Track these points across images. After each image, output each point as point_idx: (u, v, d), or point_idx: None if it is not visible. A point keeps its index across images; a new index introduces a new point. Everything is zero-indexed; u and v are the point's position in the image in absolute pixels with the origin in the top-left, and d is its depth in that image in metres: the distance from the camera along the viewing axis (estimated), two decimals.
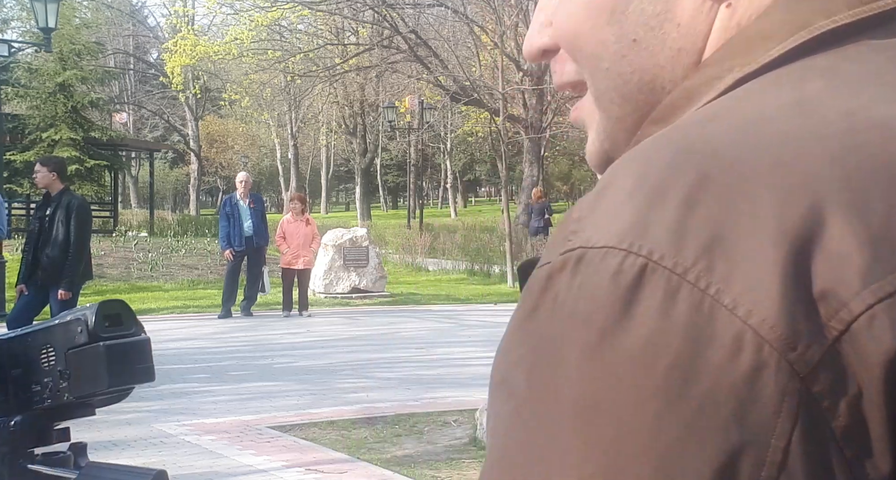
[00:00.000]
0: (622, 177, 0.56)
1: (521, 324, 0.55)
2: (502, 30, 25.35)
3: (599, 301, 0.51)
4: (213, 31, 43.10)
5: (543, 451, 0.51)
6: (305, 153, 54.12)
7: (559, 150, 45.79)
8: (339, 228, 18.24)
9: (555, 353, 0.52)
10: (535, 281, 0.55)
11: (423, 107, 31.98)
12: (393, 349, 11.30)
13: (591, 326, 0.51)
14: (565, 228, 0.56)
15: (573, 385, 0.51)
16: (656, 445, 0.49)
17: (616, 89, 0.66)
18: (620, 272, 0.51)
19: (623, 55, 0.64)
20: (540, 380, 0.52)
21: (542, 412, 0.52)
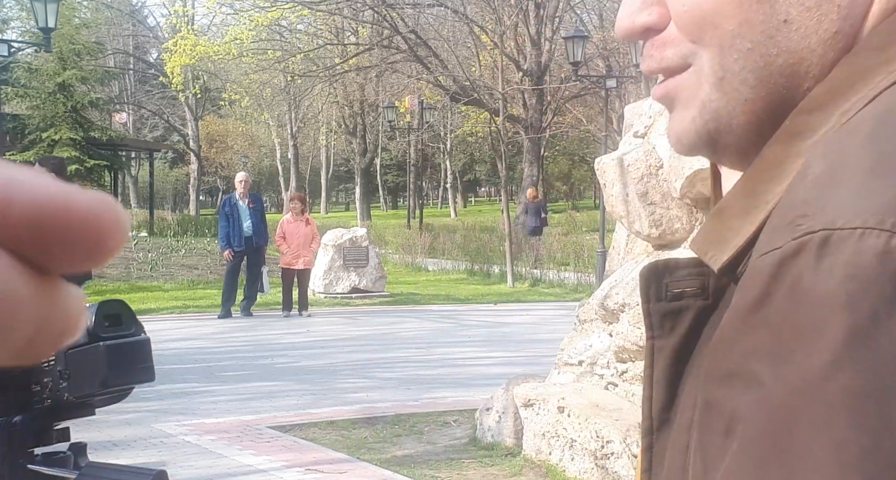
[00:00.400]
0: (854, 156, 0.53)
1: (749, 315, 0.53)
2: (502, 30, 25.35)
3: (866, 283, 0.49)
4: (213, 31, 43.09)
5: (809, 443, 0.49)
6: (305, 153, 54.09)
7: (559, 150, 45.78)
8: (339, 228, 18.23)
9: (810, 341, 0.49)
10: (761, 270, 0.53)
11: (422, 107, 31.98)
12: (393, 349, 11.30)
13: (859, 310, 0.48)
14: (787, 214, 0.54)
15: (842, 373, 0.48)
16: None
17: (754, 71, 0.62)
18: (889, 252, 0.49)
19: (770, 36, 0.61)
20: (793, 370, 0.50)
21: (801, 403, 0.49)
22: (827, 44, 0.61)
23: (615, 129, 24.78)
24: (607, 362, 5.94)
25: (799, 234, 0.52)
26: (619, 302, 5.52)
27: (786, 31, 0.61)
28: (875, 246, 0.49)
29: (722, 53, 0.63)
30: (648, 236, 5.58)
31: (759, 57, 0.62)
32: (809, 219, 0.52)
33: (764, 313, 0.52)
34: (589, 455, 5.54)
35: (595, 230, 24.09)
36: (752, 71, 0.62)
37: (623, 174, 5.65)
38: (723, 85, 0.64)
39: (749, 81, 0.63)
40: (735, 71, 0.63)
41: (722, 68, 0.63)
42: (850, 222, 0.50)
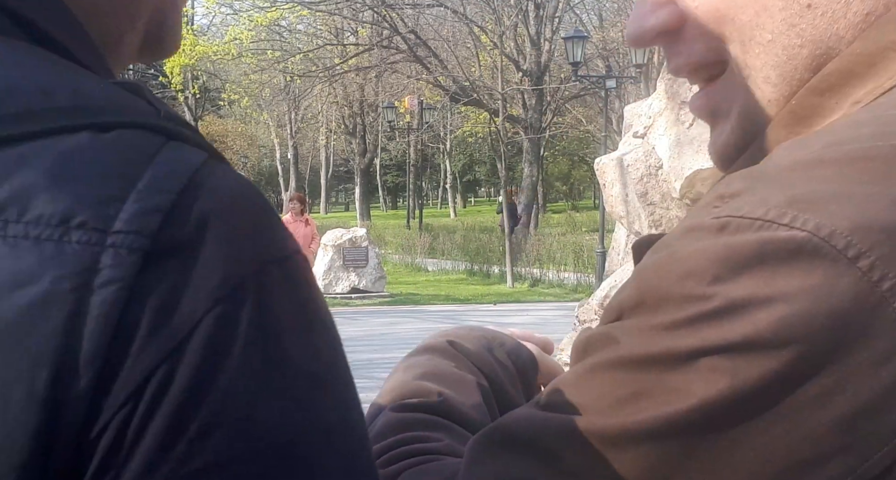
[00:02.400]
0: (798, 152, 0.52)
1: (632, 278, 0.55)
2: (502, 30, 25.37)
3: (735, 269, 0.48)
4: (213, 30, 43.12)
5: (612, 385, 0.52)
6: (305, 153, 54.11)
7: (559, 150, 45.80)
8: (339, 228, 18.24)
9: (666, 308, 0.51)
10: (663, 240, 0.54)
11: (422, 108, 31.99)
12: (393, 349, 11.30)
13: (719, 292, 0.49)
14: (713, 195, 0.53)
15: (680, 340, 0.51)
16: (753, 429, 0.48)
17: (776, 66, 0.56)
18: (771, 242, 0.48)
19: (792, 24, 0.55)
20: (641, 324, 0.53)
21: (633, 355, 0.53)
22: (857, 28, 0.55)
23: (615, 130, 24.79)
24: None
25: (707, 216, 0.51)
26: None
27: (810, 17, 0.55)
28: (761, 236, 0.48)
29: (744, 48, 0.57)
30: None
31: (781, 49, 0.56)
32: (723, 204, 0.51)
33: (638, 272, 0.54)
34: None
35: (595, 230, 24.11)
36: (774, 66, 0.57)
37: (623, 174, 5.65)
38: (749, 85, 0.58)
39: (771, 79, 0.57)
40: (757, 67, 0.57)
41: (746, 65, 0.58)
42: (752, 212, 0.49)
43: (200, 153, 0.53)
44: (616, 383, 0.51)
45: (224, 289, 0.49)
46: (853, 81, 0.53)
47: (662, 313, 0.50)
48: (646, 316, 0.51)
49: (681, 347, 0.49)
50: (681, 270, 0.50)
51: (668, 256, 0.51)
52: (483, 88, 25.90)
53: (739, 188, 0.51)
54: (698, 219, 0.51)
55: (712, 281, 0.48)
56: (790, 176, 0.50)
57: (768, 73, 0.57)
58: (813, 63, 0.55)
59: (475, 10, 29.51)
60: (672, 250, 0.51)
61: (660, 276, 0.51)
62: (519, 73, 28.86)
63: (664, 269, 0.51)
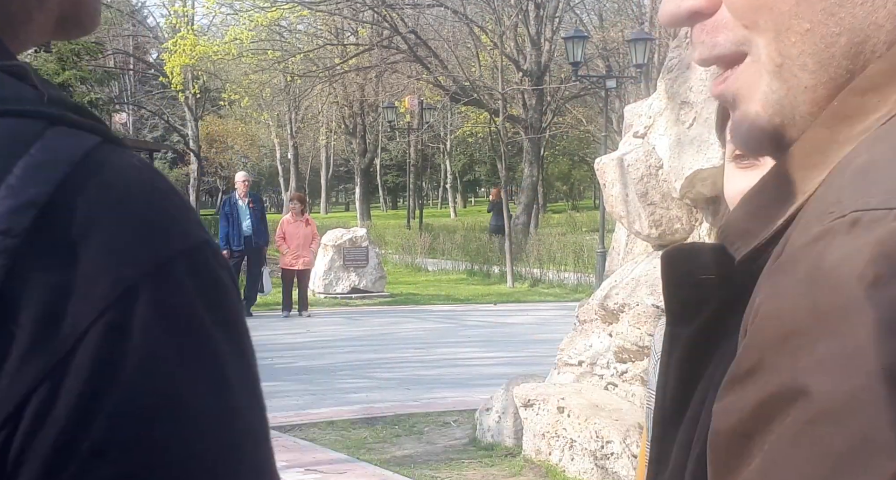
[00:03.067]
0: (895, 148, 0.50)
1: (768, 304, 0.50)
2: (502, 30, 25.36)
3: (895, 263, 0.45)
4: (213, 31, 43.09)
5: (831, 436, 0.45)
6: (305, 153, 54.08)
7: (559, 151, 45.77)
8: (339, 228, 18.24)
9: (833, 326, 0.46)
10: (783, 261, 0.50)
11: (422, 108, 31.98)
12: (393, 349, 11.30)
13: (889, 291, 0.45)
14: (821, 205, 0.51)
15: (869, 359, 0.45)
16: None
17: (814, 54, 0.56)
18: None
19: (832, 13, 0.55)
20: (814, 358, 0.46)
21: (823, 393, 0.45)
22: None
23: (615, 130, 24.77)
24: (607, 362, 5.94)
25: (829, 219, 0.48)
26: (619, 303, 5.52)
27: (849, 6, 0.54)
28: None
29: (778, 37, 0.57)
30: (648, 236, 5.58)
31: (820, 38, 0.55)
32: (842, 205, 0.49)
33: (780, 301, 0.49)
34: (589, 456, 5.54)
35: (595, 230, 24.09)
36: (811, 54, 0.56)
37: (623, 174, 5.65)
38: (782, 72, 0.57)
39: (809, 66, 0.56)
40: (794, 56, 0.56)
41: (780, 54, 0.57)
42: (886, 202, 0.47)
43: (91, 138, 0.48)
44: (824, 439, 0.45)
45: (113, 294, 0.44)
46: None
47: (834, 336, 0.46)
48: (815, 347, 0.46)
49: (884, 367, 0.44)
50: (834, 281, 0.46)
51: (809, 272, 0.47)
52: (483, 88, 25.89)
53: (854, 187, 0.49)
54: (816, 227, 0.49)
55: (875, 282, 0.45)
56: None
57: (805, 61, 0.56)
58: (851, 50, 0.55)
59: (475, 10, 29.49)
60: (810, 265, 0.48)
61: (810, 295, 0.47)
62: (519, 73, 28.84)
63: (812, 286, 0.47)
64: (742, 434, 0.49)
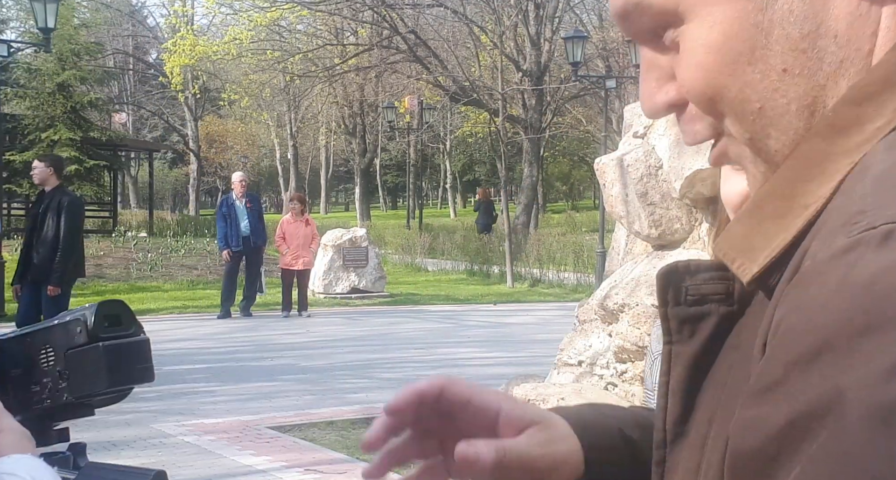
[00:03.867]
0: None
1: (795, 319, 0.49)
2: (502, 30, 25.37)
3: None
4: (213, 31, 43.06)
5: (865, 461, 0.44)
6: (305, 153, 54.08)
7: (559, 151, 45.78)
8: (339, 228, 18.24)
9: (873, 339, 0.45)
10: (810, 273, 0.50)
11: (422, 108, 31.98)
12: (393, 349, 11.30)
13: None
14: (844, 214, 0.51)
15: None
16: None
17: (772, 125, 0.60)
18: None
19: (775, 89, 0.59)
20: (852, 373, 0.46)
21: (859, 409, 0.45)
22: (837, 74, 0.58)
23: (615, 130, 24.78)
24: (607, 362, 5.94)
25: (857, 232, 0.49)
26: (619, 303, 5.52)
27: (789, 80, 0.59)
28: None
29: (738, 119, 0.61)
30: (648, 236, 5.58)
31: (772, 110, 0.60)
32: (869, 216, 0.49)
33: (809, 315, 0.48)
34: None
35: (595, 230, 24.10)
36: (771, 125, 0.60)
37: (623, 174, 5.65)
38: (754, 143, 0.62)
39: (772, 135, 0.61)
40: (757, 130, 0.61)
41: (746, 130, 0.62)
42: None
43: None
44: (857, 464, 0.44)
45: None
46: (893, 88, 0.55)
47: (876, 354, 0.45)
48: (852, 365, 0.45)
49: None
50: (873, 296, 0.46)
51: (840, 286, 0.47)
52: (483, 88, 25.89)
53: (879, 197, 0.50)
54: (842, 239, 0.49)
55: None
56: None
57: (768, 132, 0.61)
58: (804, 112, 0.59)
59: (475, 10, 29.50)
60: (840, 278, 0.47)
61: (844, 309, 0.46)
62: (519, 73, 28.85)
63: (846, 300, 0.47)
64: (767, 456, 0.48)
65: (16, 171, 24.98)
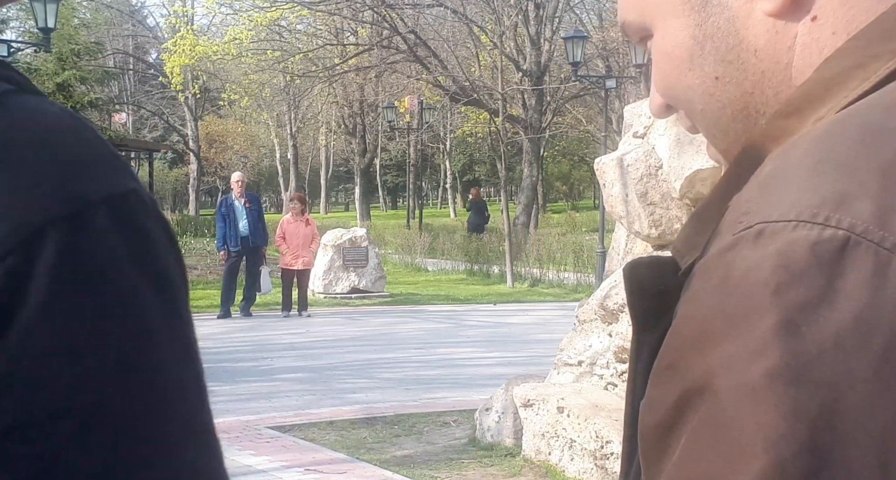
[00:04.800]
0: (798, 158, 0.56)
1: (683, 309, 0.55)
2: (502, 30, 25.35)
3: (796, 273, 0.50)
4: (213, 31, 43.06)
5: (736, 429, 0.50)
6: (305, 153, 54.07)
7: (558, 151, 45.77)
8: (339, 228, 18.24)
9: (738, 328, 0.51)
10: (700, 268, 0.56)
11: (422, 108, 31.98)
12: (393, 349, 11.30)
13: (789, 299, 0.50)
14: (732, 214, 0.56)
15: (767, 358, 0.50)
16: (870, 426, 0.48)
17: (714, 125, 0.69)
18: (820, 243, 0.51)
19: (711, 94, 0.68)
20: (720, 358, 0.51)
21: (726, 389, 0.51)
22: (761, 83, 0.66)
23: (615, 130, 24.78)
24: (607, 362, 5.94)
25: (738, 230, 0.54)
26: (619, 303, 5.52)
27: (721, 86, 0.67)
28: (807, 237, 0.51)
29: (692, 117, 0.71)
30: (648, 236, 5.58)
31: (711, 113, 0.69)
32: (749, 216, 0.54)
33: (695, 305, 0.54)
34: (588, 456, 5.54)
35: (595, 230, 24.10)
36: (713, 125, 0.69)
37: (623, 174, 5.65)
38: (711, 141, 0.72)
39: (717, 135, 0.70)
40: (705, 128, 0.71)
41: (700, 127, 0.71)
42: (785, 215, 0.52)
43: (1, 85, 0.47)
44: (727, 431, 0.51)
45: (16, 238, 0.43)
46: (813, 104, 0.62)
47: (742, 338, 0.51)
48: (724, 348, 0.52)
49: (778, 368, 0.50)
50: (744, 289, 0.52)
51: (720, 280, 0.53)
52: (483, 88, 25.88)
53: (759, 199, 0.56)
54: (728, 238, 0.55)
55: (777, 291, 0.50)
56: (805, 181, 0.54)
57: (713, 131, 0.70)
58: (738, 116, 0.67)
59: (475, 10, 29.47)
60: (721, 273, 0.53)
61: (720, 301, 0.52)
62: (519, 73, 28.84)
63: (722, 293, 0.53)
64: (665, 428, 0.55)
65: None
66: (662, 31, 0.70)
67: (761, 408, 0.49)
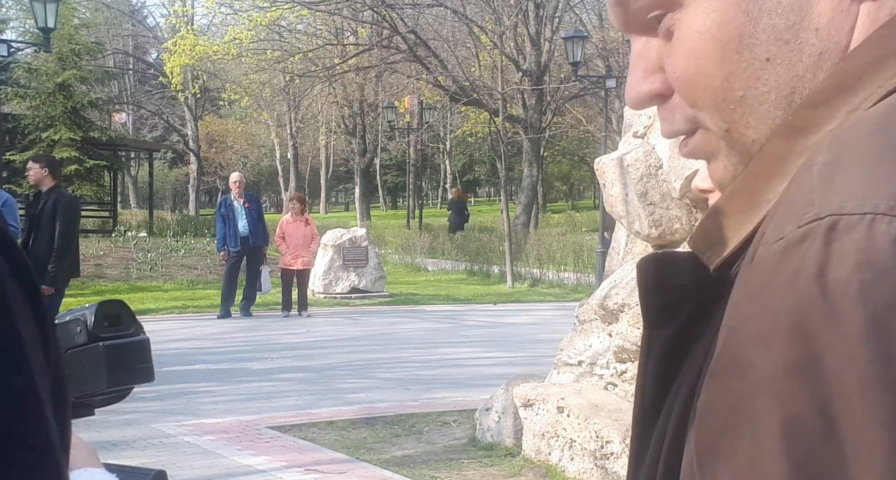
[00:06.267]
0: (860, 146, 0.53)
1: (748, 304, 0.52)
2: (502, 30, 25.36)
3: (881, 271, 0.48)
4: (213, 30, 43.05)
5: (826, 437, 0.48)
6: (305, 153, 54.09)
7: (558, 151, 45.77)
8: (339, 228, 18.23)
9: (822, 328, 0.48)
10: (763, 260, 0.52)
11: (422, 108, 31.98)
12: (393, 349, 11.30)
13: (875, 299, 0.47)
14: (792, 205, 0.53)
15: (857, 363, 0.47)
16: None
17: (752, 113, 0.64)
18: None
19: (757, 77, 0.63)
20: (790, 356, 0.49)
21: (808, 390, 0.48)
22: (815, 66, 0.62)
23: (615, 129, 24.79)
24: (607, 362, 5.94)
25: (805, 222, 0.51)
26: (619, 303, 5.52)
27: (770, 69, 0.62)
28: (888, 232, 0.48)
29: (718, 109, 0.64)
30: (648, 236, 5.58)
31: (753, 99, 0.63)
32: (815, 207, 0.51)
33: (763, 300, 0.51)
34: (588, 456, 5.54)
35: (595, 230, 24.10)
36: (750, 114, 0.64)
37: (623, 174, 5.65)
38: (731, 134, 0.65)
39: (751, 124, 0.64)
40: (737, 119, 0.64)
41: (724, 120, 0.65)
42: (860, 207, 0.49)
43: None
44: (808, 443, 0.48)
45: None
46: (845, 94, 0.59)
47: (827, 340, 0.48)
48: (798, 350, 0.49)
49: (872, 371, 0.47)
50: (822, 287, 0.48)
51: (792, 275, 0.50)
52: (483, 88, 25.88)
53: (824, 189, 0.52)
54: (792, 229, 0.51)
55: (860, 290, 0.48)
56: (873, 170, 0.51)
57: (747, 121, 0.64)
58: (782, 102, 0.63)
59: (475, 10, 29.48)
60: (792, 268, 0.50)
61: (793, 298, 0.49)
62: (519, 72, 28.84)
63: (795, 290, 0.49)
64: (721, 431, 0.52)
65: (16, 171, 24.98)
66: (703, 5, 0.63)
67: (858, 417, 0.47)
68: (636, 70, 0.69)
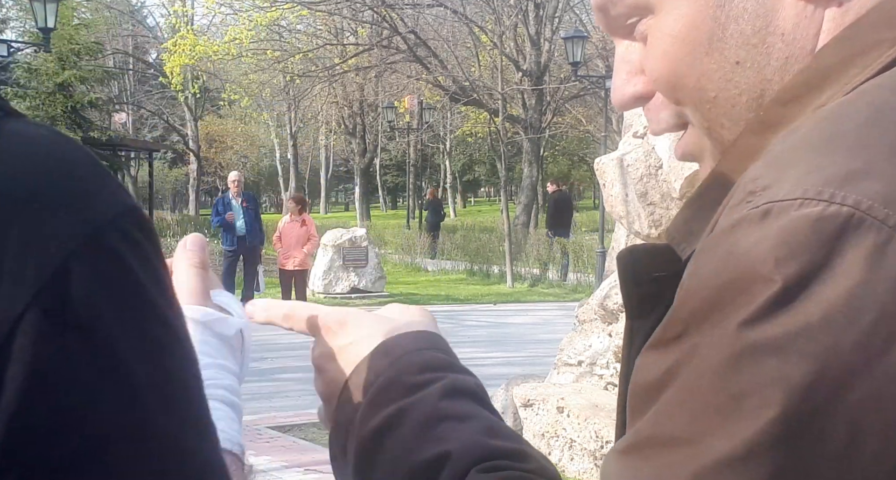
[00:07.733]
0: (805, 138, 0.56)
1: (687, 283, 0.56)
2: (501, 30, 25.36)
3: (796, 248, 0.51)
4: (213, 31, 43.04)
5: (709, 395, 0.52)
6: (305, 153, 54.07)
7: (558, 151, 45.77)
8: (339, 228, 18.24)
9: (733, 302, 0.52)
10: (707, 243, 0.56)
11: (422, 108, 31.99)
12: None
13: (786, 274, 0.51)
14: (741, 193, 0.56)
15: (760, 328, 0.51)
16: (849, 399, 0.49)
17: (725, 114, 0.67)
18: (822, 219, 0.51)
19: (728, 79, 0.66)
20: (716, 329, 0.53)
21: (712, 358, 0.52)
22: (783, 69, 0.64)
23: (615, 130, 24.77)
24: (607, 362, 5.94)
25: (746, 209, 0.54)
26: (619, 303, 5.52)
27: (741, 71, 0.65)
28: (810, 214, 0.51)
29: (697, 107, 0.68)
30: (648, 236, 5.58)
31: (725, 101, 0.66)
32: (756, 196, 0.54)
33: (698, 280, 0.55)
34: (588, 456, 5.54)
35: (595, 230, 24.10)
36: (724, 115, 0.67)
37: (623, 174, 5.65)
38: (711, 132, 0.69)
39: (726, 125, 0.67)
40: (713, 118, 0.68)
41: (705, 119, 0.68)
42: (791, 193, 0.53)
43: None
44: (710, 394, 0.52)
45: (43, 278, 0.44)
46: (812, 91, 0.62)
47: (737, 311, 0.52)
48: (720, 319, 0.53)
49: (766, 338, 0.51)
50: (743, 264, 0.52)
51: (723, 256, 0.54)
52: (483, 88, 25.88)
53: (767, 178, 0.56)
54: (736, 216, 0.55)
55: (776, 265, 0.51)
56: (814, 159, 0.55)
57: (722, 122, 0.67)
58: (753, 104, 0.65)
59: (475, 10, 29.48)
60: (725, 249, 0.54)
61: (722, 276, 0.53)
62: (519, 73, 28.84)
63: (725, 269, 0.53)
64: (654, 389, 0.56)
65: None
66: (673, 11, 0.66)
67: (743, 376, 0.50)
68: (620, 72, 0.72)
